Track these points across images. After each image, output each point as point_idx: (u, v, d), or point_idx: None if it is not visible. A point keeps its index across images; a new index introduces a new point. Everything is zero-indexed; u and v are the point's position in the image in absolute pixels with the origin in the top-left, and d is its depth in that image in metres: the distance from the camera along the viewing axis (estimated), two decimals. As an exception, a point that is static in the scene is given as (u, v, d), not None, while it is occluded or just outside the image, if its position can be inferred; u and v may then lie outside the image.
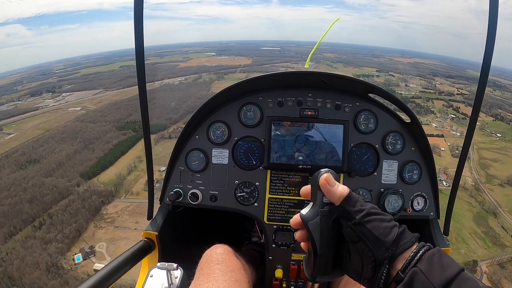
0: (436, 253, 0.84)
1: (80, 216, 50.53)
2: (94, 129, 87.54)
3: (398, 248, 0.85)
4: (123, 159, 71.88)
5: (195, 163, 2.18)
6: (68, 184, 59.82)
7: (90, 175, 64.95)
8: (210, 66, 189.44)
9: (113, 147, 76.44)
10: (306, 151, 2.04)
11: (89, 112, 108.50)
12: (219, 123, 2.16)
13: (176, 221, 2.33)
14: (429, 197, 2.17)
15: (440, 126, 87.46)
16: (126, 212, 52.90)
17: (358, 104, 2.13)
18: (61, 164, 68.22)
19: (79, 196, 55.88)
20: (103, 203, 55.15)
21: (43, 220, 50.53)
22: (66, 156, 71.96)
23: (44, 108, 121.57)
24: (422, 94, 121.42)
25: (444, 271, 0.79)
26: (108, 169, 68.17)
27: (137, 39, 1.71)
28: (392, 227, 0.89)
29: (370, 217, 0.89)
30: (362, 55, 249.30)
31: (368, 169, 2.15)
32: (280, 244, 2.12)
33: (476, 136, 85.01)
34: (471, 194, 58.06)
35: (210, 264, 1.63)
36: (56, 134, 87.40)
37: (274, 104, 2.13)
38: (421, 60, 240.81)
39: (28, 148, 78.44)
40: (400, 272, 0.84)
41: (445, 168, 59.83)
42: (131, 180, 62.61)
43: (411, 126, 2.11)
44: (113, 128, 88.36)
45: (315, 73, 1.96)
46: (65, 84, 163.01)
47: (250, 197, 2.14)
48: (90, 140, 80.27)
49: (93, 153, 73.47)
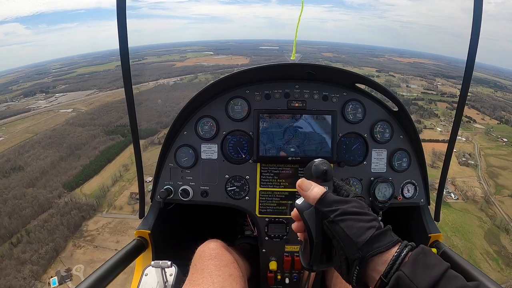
0: (421, 253, 0.81)
1: (58, 234, 46.78)
2: (82, 133, 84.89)
3: (370, 250, 0.83)
4: (109, 167, 68.75)
5: (184, 159, 2.16)
6: (49, 196, 56.21)
7: (73, 185, 61.50)
8: (207, 66, 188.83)
9: (99, 153, 73.40)
10: (295, 142, 2.04)
11: (80, 114, 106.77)
12: (207, 118, 2.16)
13: (168, 218, 2.32)
14: (419, 184, 2.20)
15: (445, 130, 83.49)
16: (107, 229, 49.15)
17: (345, 94, 2.14)
18: (44, 173, 65.08)
19: (59, 210, 52.08)
20: (84, 218, 51.31)
21: (20, 236, 46.93)
22: (51, 163, 68.90)
23: (36, 109, 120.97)
24: (425, 95, 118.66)
25: (429, 272, 0.76)
26: (92, 178, 64.69)
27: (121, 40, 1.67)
28: (368, 228, 0.86)
29: (345, 217, 0.89)
30: (361, 55, 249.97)
31: (358, 158, 2.17)
32: (273, 236, 2.13)
33: (482, 141, 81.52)
34: (481, 208, 53.38)
35: (204, 259, 1.64)
36: (44, 138, 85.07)
37: (261, 97, 2.14)
38: (420, 60, 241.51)
39: (14, 154, 76.15)
40: (382, 277, 0.82)
41: (453, 178, 56.28)
42: (115, 191, 59.14)
43: (399, 114, 2.13)
44: (101, 132, 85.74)
45: (301, 65, 1.97)
46: (60, 84, 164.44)
47: (241, 191, 2.14)
48: (76, 146, 77.46)
49: (79, 160, 70.40)
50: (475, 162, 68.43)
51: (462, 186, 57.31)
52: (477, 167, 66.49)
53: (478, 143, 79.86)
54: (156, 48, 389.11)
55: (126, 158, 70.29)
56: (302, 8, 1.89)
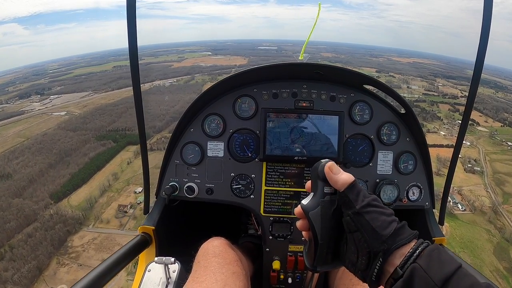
0: (435, 249, 0.83)
1: (42, 250, 44.03)
2: (73, 138, 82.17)
3: (394, 242, 0.85)
4: (98, 175, 65.88)
5: (190, 156, 2.17)
6: (35, 207, 53.39)
7: (60, 195, 58.55)
8: (204, 67, 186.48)
9: (89, 160, 70.56)
10: (301, 142, 2.04)
11: (72, 118, 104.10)
12: (214, 116, 2.15)
13: (173, 215, 2.33)
14: (424, 187, 2.19)
15: (449, 134, 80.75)
16: (93, 245, 46.25)
17: (353, 95, 2.14)
18: (32, 181, 62.25)
19: (43, 224, 49.24)
20: (69, 232, 48.35)
21: (4, 251, 44.15)
22: (39, 171, 66.06)
23: (30, 112, 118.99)
24: (426, 97, 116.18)
25: (443, 267, 0.78)
26: (80, 188, 61.74)
27: (130, 40, 1.71)
28: (391, 221, 0.88)
29: (370, 208, 0.89)
30: (360, 55, 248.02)
31: (364, 160, 2.16)
32: (277, 235, 2.14)
33: (487, 146, 78.70)
34: (490, 219, 50.00)
35: (207, 257, 1.65)
36: (34, 144, 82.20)
37: (269, 96, 2.13)
38: (419, 59, 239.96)
39: (3, 160, 73.45)
40: (398, 268, 0.83)
41: (460, 187, 53.43)
42: (103, 203, 56.17)
43: (406, 117, 2.13)
44: (92, 137, 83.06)
45: (309, 65, 1.98)
46: (56, 86, 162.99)
47: (246, 189, 2.14)
48: (66, 152, 74.71)
49: (68, 168, 67.57)
50: (481, 169, 65.50)
51: (469, 195, 54.41)
52: (483, 174, 63.69)
53: (483, 147, 77.09)
54: (154, 48, 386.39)
55: (116, 166, 67.76)
56: (319, 10, 1.95)
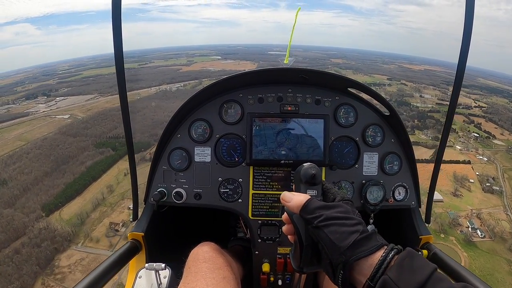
0: (406, 257, 0.81)
1: (27, 269, 41.48)
2: (72, 144, 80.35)
3: (353, 254, 0.84)
4: (93, 187, 63.49)
5: (178, 162, 2.17)
6: (25, 220, 51.01)
7: (52, 208, 56.12)
8: (213, 71, 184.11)
9: (85, 170, 68.33)
10: (288, 146, 2.06)
11: (74, 122, 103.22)
12: (200, 121, 2.17)
13: (162, 221, 2.32)
14: (410, 187, 2.22)
15: (465, 148, 76.56)
16: (80, 266, 43.36)
17: (337, 98, 2.17)
18: (26, 190, 60.41)
19: (31, 239, 46.63)
20: (57, 250, 45.70)
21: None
22: (34, 179, 64.30)
23: (34, 114, 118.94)
24: (440, 107, 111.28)
25: (415, 276, 0.76)
26: (74, 200, 59.35)
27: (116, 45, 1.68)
28: (351, 232, 0.87)
29: (329, 222, 0.90)
30: (371, 61, 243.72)
31: (349, 161, 2.19)
32: (265, 238, 2.15)
33: (505, 161, 73.83)
34: (510, 248, 44.65)
35: (197, 262, 1.66)
36: (33, 149, 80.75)
37: (254, 101, 2.15)
38: (431, 67, 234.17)
39: (1, 166, 72.51)
40: (369, 281, 0.82)
41: (479, 210, 49.00)
42: (95, 219, 53.53)
43: (390, 118, 2.15)
44: (91, 144, 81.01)
45: (294, 69, 1.99)
46: (63, 87, 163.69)
47: (234, 193, 2.16)
48: (64, 159, 72.79)
49: (63, 177, 65.39)
50: (499, 188, 60.79)
51: (488, 219, 49.73)
52: (502, 194, 59.05)
53: (500, 163, 72.43)
54: (165, 51, 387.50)
55: (112, 177, 65.31)
56: (297, 16, 2.01)
